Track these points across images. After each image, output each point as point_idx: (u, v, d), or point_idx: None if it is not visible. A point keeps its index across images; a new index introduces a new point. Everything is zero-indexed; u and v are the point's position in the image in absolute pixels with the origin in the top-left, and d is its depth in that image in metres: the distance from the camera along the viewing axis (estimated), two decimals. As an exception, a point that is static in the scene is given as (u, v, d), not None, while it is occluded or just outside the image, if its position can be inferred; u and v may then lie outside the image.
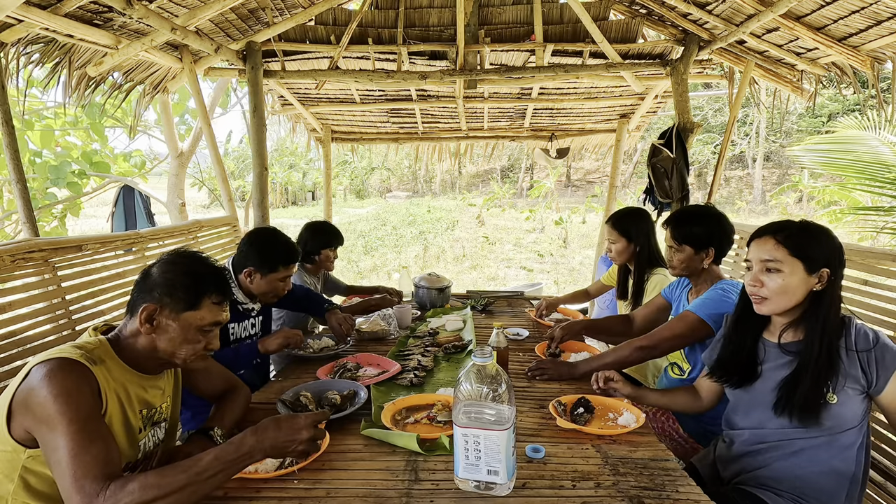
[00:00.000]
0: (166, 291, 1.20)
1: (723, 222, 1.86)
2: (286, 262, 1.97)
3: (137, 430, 1.19)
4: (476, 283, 9.43)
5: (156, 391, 1.27)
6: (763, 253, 1.33)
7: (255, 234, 2.04)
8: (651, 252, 2.37)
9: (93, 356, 1.11)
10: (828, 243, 1.30)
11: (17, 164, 2.63)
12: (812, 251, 1.29)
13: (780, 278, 1.29)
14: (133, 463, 1.19)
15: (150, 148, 38.81)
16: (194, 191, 15.48)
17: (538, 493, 1.16)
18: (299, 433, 1.11)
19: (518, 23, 3.78)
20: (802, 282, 1.29)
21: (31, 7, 2.39)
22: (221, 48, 3.39)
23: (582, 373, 1.82)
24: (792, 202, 16.08)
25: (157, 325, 1.19)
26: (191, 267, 1.25)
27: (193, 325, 1.21)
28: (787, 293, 1.30)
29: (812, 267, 1.28)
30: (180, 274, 1.22)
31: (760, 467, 1.38)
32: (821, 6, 2.85)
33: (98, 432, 1.02)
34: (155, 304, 1.19)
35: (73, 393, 1.02)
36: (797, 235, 1.30)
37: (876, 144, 4.26)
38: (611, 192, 5.52)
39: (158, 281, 1.21)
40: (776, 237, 1.32)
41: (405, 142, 5.83)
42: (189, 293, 1.21)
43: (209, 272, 1.27)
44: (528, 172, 26.44)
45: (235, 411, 1.46)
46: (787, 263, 1.29)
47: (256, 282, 1.95)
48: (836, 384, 1.25)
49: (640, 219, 2.39)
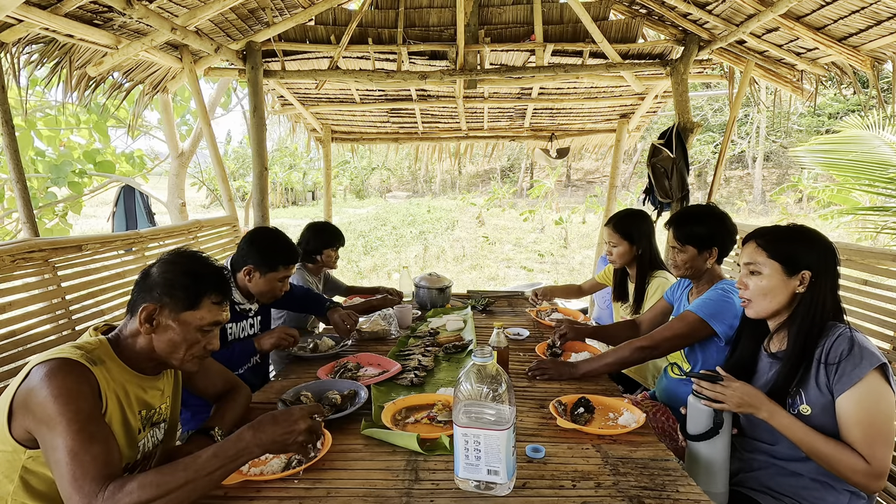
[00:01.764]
0: (166, 291, 1.19)
1: (726, 222, 1.86)
2: (286, 262, 1.97)
3: (137, 431, 1.19)
4: (476, 283, 9.42)
5: (155, 392, 1.27)
6: (745, 256, 1.36)
7: (256, 233, 2.04)
8: (652, 255, 2.34)
9: (93, 356, 1.11)
10: (811, 246, 1.30)
11: (17, 164, 2.63)
12: (792, 253, 1.30)
13: (759, 280, 1.32)
14: (132, 463, 1.19)
15: (151, 148, 38.88)
16: (194, 191, 15.47)
17: (538, 493, 1.16)
18: (296, 424, 1.11)
19: (518, 23, 3.78)
20: (782, 283, 1.30)
21: (31, 7, 2.39)
22: (221, 48, 3.39)
23: (582, 373, 1.82)
24: (792, 202, 16.07)
25: (157, 324, 1.19)
26: (191, 267, 1.24)
27: (193, 325, 1.21)
28: (767, 295, 1.32)
29: (791, 269, 1.29)
30: (180, 273, 1.21)
31: (757, 469, 1.39)
32: (821, 6, 2.85)
33: (98, 433, 1.02)
34: (154, 304, 1.18)
35: (73, 393, 1.01)
36: (778, 239, 1.32)
37: (878, 144, 4.26)
38: (611, 192, 5.53)
39: (158, 281, 1.20)
40: (757, 241, 1.35)
41: (405, 142, 5.83)
42: (189, 293, 1.20)
43: (209, 272, 1.26)
44: (528, 172, 26.44)
45: (236, 410, 1.46)
46: (766, 266, 1.31)
47: (255, 281, 1.95)
48: (807, 394, 1.25)
49: (641, 221, 2.35)
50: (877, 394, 1.18)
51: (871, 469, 1.16)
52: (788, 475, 1.33)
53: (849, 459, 1.17)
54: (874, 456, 1.16)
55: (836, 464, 1.19)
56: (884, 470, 1.17)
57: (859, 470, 1.16)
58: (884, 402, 1.19)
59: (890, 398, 1.20)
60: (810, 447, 1.22)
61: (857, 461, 1.16)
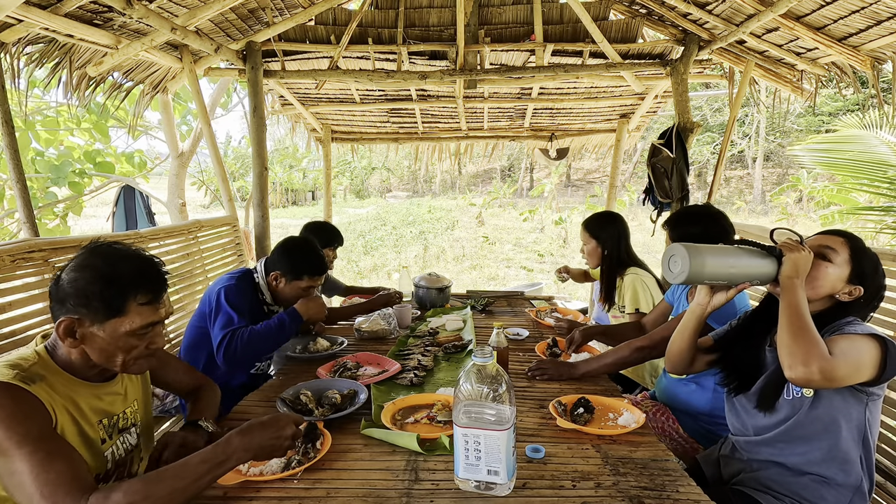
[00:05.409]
0: (80, 302, 1.05)
1: (721, 221, 1.86)
2: (312, 273, 2.02)
3: (100, 442, 1.11)
4: (476, 283, 9.42)
5: (113, 397, 1.18)
6: (827, 240, 1.33)
7: (290, 241, 2.10)
8: (621, 254, 2.45)
9: (29, 374, 1.01)
10: (878, 270, 1.32)
11: (17, 164, 2.63)
12: (864, 265, 1.29)
13: (831, 270, 1.29)
14: (103, 474, 1.12)
15: (152, 147, 38.83)
16: (195, 190, 15.46)
17: (538, 493, 1.16)
18: (283, 430, 1.12)
19: (518, 23, 3.78)
20: (838, 280, 1.29)
21: (31, 7, 2.39)
22: (221, 48, 3.39)
23: (581, 373, 1.82)
24: (792, 202, 16.06)
25: (82, 336, 1.06)
26: (105, 270, 1.07)
27: (123, 332, 1.07)
28: (827, 285, 1.29)
29: (855, 279, 1.28)
30: (93, 281, 1.05)
31: (758, 470, 1.39)
32: (821, 6, 2.84)
33: (57, 449, 0.96)
34: (71, 317, 1.04)
35: (15, 416, 0.94)
36: (856, 248, 1.31)
37: (876, 143, 4.26)
38: (611, 192, 5.52)
39: (69, 291, 1.05)
40: (844, 237, 1.33)
41: (405, 142, 5.83)
42: (108, 301, 1.05)
43: (129, 271, 1.09)
44: (528, 172, 26.44)
45: (212, 407, 1.46)
46: (841, 256, 1.29)
47: (281, 287, 2.02)
48: None
49: (608, 222, 2.48)
50: (865, 345, 1.16)
51: (825, 363, 1.12)
52: (789, 474, 1.33)
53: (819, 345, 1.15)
54: (837, 363, 1.13)
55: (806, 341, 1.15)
56: (831, 370, 1.12)
57: (816, 353, 1.13)
58: (866, 353, 1.15)
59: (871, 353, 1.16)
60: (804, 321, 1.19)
61: (824, 350, 1.14)
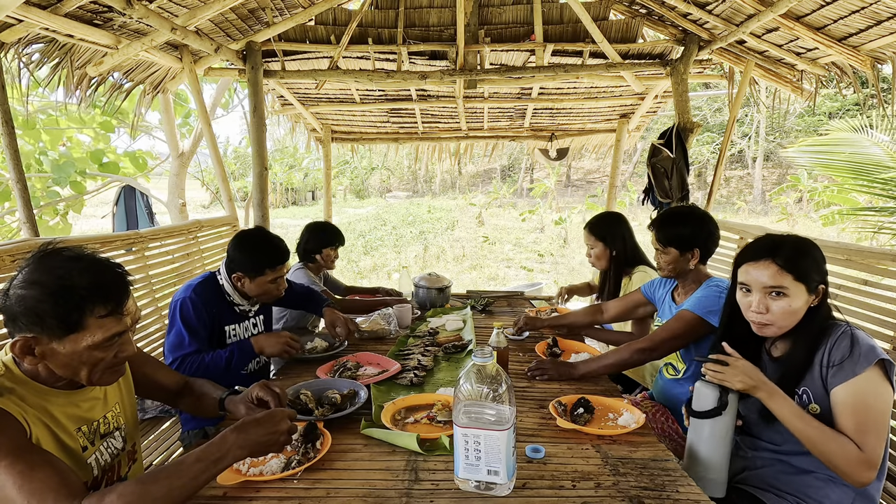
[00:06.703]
0: (33, 321, 0.97)
1: (706, 222, 1.87)
2: (272, 265, 1.89)
3: (81, 450, 1.08)
4: (476, 283, 9.42)
5: (91, 403, 1.14)
6: (767, 279, 1.30)
7: (240, 237, 1.94)
8: (629, 253, 2.45)
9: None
10: (820, 259, 1.32)
11: (17, 163, 2.63)
12: (811, 272, 1.29)
13: (785, 303, 1.29)
14: (90, 481, 1.10)
15: (152, 147, 38.87)
16: (195, 190, 15.48)
17: (538, 493, 1.16)
18: (279, 425, 1.11)
19: (518, 23, 3.78)
20: (805, 303, 1.30)
21: (31, 7, 2.39)
22: (221, 48, 3.39)
23: (581, 373, 1.82)
24: (792, 202, 16.07)
25: (41, 354, 1.00)
26: (55, 285, 0.98)
27: (84, 347, 1.01)
28: (794, 315, 1.30)
29: (812, 287, 1.30)
30: (42, 299, 0.97)
31: (762, 467, 1.39)
32: (821, 6, 2.85)
33: (36, 458, 0.93)
34: (26, 336, 0.98)
35: None
36: (796, 258, 1.29)
37: (867, 145, 4.30)
38: (611, 192, 5.53)
39: (18, 311, 0.97)
40: (776, 262, 1.29)
41: (405, 142, 5.83)
42: (62, 318, 0.98)
43: (83, 283, 1.00)
44: (528, 172, 26.44)
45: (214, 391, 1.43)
46: (791, 288, 1.28)
47: (247, 286, 1.90)
48: (814, 393, 1.26)
49: (614, 223, 2.47)
50: (874, 386, 1.19)
51: (864, 456, 1.15)
52: (793, 473, 1.33)
53: (842, 446, 1.17)
54: (866, 443, 1.16)
55: (830, 451, 1.18)
56: (875, 459, 1.16)
57: (852, 457, 1.15)
58: (880, 397, 1.19)
59: (887, 394, 1.19)
60: (805, 432, 1.21)
61: (850, 447, 1.16)
